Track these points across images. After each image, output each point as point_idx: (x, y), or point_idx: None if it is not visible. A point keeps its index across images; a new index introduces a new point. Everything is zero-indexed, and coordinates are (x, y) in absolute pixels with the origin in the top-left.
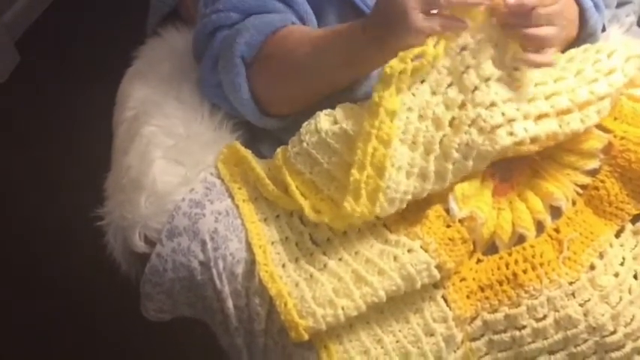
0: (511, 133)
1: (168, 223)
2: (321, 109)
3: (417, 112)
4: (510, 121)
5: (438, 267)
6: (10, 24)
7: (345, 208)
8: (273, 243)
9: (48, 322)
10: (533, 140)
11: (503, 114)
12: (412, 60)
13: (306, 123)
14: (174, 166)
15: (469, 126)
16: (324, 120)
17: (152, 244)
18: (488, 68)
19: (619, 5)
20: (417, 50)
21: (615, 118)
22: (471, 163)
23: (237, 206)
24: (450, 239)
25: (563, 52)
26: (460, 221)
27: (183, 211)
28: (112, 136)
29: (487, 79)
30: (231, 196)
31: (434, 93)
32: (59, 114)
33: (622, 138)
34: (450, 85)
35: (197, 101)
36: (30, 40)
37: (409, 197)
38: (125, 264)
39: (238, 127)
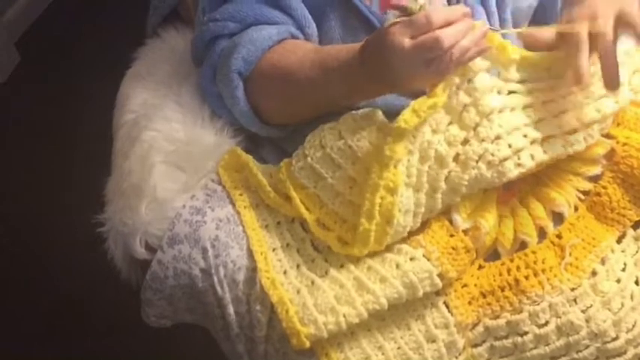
0: (519, 165)
1: (169, 230)
2: (323, 119)
3: (417, 153)
4: (517, 151)
5: (441, 275)
6: (10, 24)
7: (353, 250)
8: (274, 250)
9: (48, 324)
10: (538, 165)
11: (510, 146)
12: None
13: (309, 137)
14: (175, 171)
15: (477, 162)
16: (328, 134)
17: (153, 251)
18: (488, 104)
19: None
20: (429, 102)
21: (618, 124)
22: (476, 190)
23: (238, 213)
24: (452, 248)
25: None
26: (464, 231)
27: (184, 219)
28: (112, 136)
29: (488, 115)
30: (233, 203)
31: (434, 132)
32: (59, 114)
33: (624, 144)
34: (450, 124)
35: (197, 105)
36: (30, 40)
37: (416, 226)
38: (126, 270)
39: (239, 132)
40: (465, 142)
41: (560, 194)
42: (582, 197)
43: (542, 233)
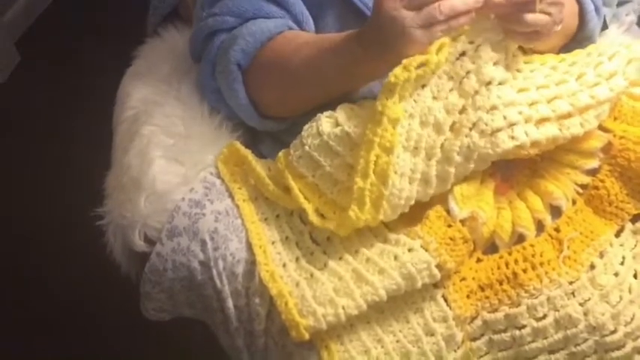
0: (512, 137)
1: (168, 222)
2: (321, 110)
3: (418, 118)
4: (512, 124)
5: (439, 266)
6: (10, 24)
7: (349, 216)
8: (273, 243)
9: (48, 321)
10: (534, 144)
11: (504, 117)
12: (416, 68)
13: (307, 126)
14: (174, 165)
15: (470, 129)
16: (325, 123)
17: (152, 244)
18: (489, 72)
19: (619, 4)
20: (420, 58)
21: (615, 118)
22: (472, 165)
23: (237, 206)
24: (450, 239)
25: (562, 49)
26: (461, 221)
27: (183, 211)
28: (112, 135)
29: (488, 83)
30: (231, 196)
31: (435, 98)
32: (59, 114)
33: (621, 137)
34: (451, 90)
35: (197, 101)
36: (30, 40)
37: (412, 202)
38: (125, 263)
39: (238, 126)
40: (463, 110)
41: (558, 187)
42: (580, 191)
43: (540, 226)
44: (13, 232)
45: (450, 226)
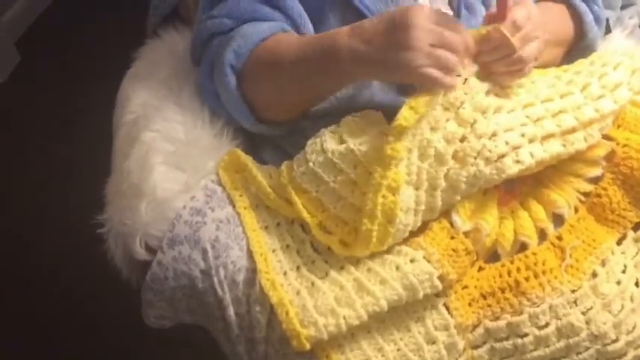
0: (517, 161)
1: (169, 231)
2: (322, 118)
3: (417, 151)
4: (516, 148)
5: (441, 278)
6: (10, 24)
7: (355, 251)
8: (274, 251)
9: (48, 324)
10: (539, 164)
11: (507, 143)
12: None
13: (311, 141)
14: (175, 172)
15: (475, 158)
16: (329, 139)
17: (153, 252)
18: (483, 101)
19: (623, 7)
20: (426, 99)
21: (618, 126)
22: (476, 189)
23: (238, 214)
24: (453, 250)
25: (565, 59)
26: (465, 233)
27: (184, 220)
28: (112, 136)
29: (484, 112)
30: (232, 204)
31: (433, 129)
32: (59, 114)
33: (624, 145)
34: (447, 120)
35: (197, 106)
36: (30, 40)
37: (417, 225)
38: (126, 270)
39: (239, 133)
40: (463, 139)
41: (561, 196)
42: (583, 199)
43: (542, 235)
44: (12, 232)
45: (452, 237)
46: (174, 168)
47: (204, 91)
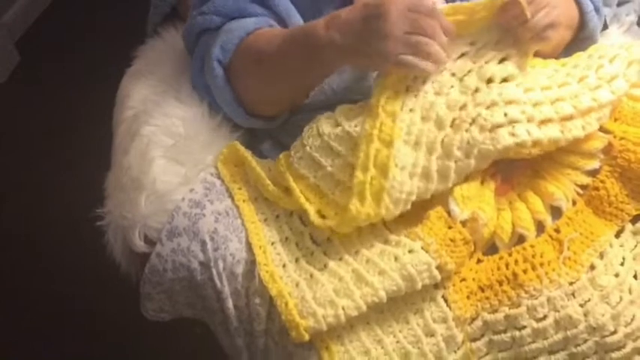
0: (513, 134)
1: (168, 223)
2: (318, 111)
3: (419, 112)
4: (513, 122)
5: (439, 268)
6: (10, 24)
7: (350, 211)
8: (273, 243)
9: (48, 321)
10: (535, 144)
11: (505, 114)
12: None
13: (307, 127)
14: (175, 165)
15: (470, 124)
16: (325, 123)
17: (152, 244)
18: (489, 69)
19: (619, 4)
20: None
21: (615, 119)
22: (472, 161)
23: (237, 206)
24: (451, 240)
25: (564, 51)
26: (462, 222)
27: (183, 211)
28: (112, 135)
29: (489, 81)
30: (231, 197)
31: (437, 94)
32: (59, 114)
33: (622, 138)
34: (452, 87)
35: (197, 101)
36: (30, 40)
37: (413, 198)
38: (125, 263)
39: (238, 127)
40: (463, 107)
41: (559, 188)
42: (580, 191)
43: (540, 227)
44: (12, 232)
45: (450, 227)
46: (173, 161)
47: (197, 86)
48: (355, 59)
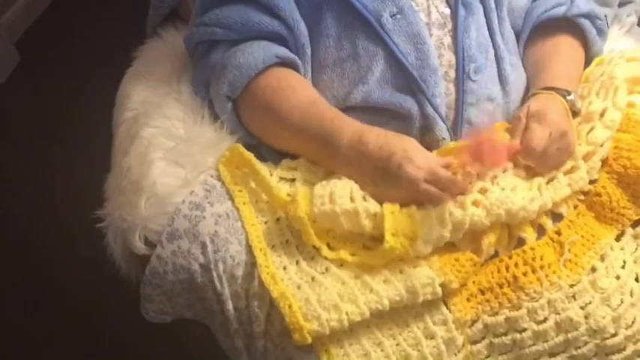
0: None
1: (169, 225)
2: None
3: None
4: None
5: (443, 285)
6: (10, 24)
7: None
8: (273, 246)
9: (48, 323)
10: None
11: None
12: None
13: (320, 191)
14: (175, 167)
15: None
16: (339, 198)
17: (152, 246)
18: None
19: (621, 5)
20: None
21: None
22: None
23: (237, 209)
24: (455, 259)
25: None
26: None
27: (183, 214)
28: (111, 136)
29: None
30: (232, 199)
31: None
32: (59, 114)
33: (615, 147)
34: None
35: (197, 103)
36: (30, 40)
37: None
38: (125, 266)
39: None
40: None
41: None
42: (582, 197)
43: (541, 230)
44: (12, 232)
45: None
46: (173, 164)
47: (198, 94)
48: (362, 183)
